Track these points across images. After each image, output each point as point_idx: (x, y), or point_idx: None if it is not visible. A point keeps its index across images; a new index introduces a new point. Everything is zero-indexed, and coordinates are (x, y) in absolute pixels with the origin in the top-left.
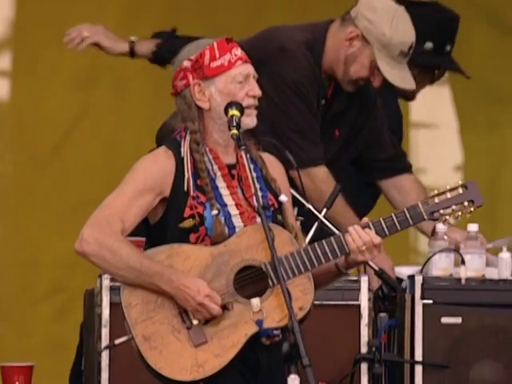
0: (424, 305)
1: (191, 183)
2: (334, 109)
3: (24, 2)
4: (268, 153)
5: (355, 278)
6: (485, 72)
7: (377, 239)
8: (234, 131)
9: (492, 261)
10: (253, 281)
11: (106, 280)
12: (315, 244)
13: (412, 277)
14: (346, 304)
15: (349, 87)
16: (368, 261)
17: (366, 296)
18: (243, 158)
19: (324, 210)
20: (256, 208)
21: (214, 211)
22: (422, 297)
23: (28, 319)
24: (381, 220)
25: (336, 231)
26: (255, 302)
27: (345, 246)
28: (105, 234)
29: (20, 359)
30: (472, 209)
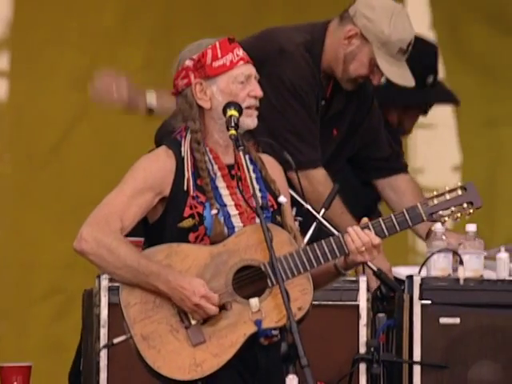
0: (422, 305)
1: (191, 183)
2: (333, 109)
3: (22, 3)
4: (265, 152)
5: (354, 279)
6: (483, 72)
7: (376, 240)
8: (232, 131)
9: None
10: (252, 281)
11: (105, 280)
12: (314, 244)
13: (410, 277)
14: (345, 304)
15: (348, 85)
16: (367, 261)
17: (365, 296)
18: (241, 159)
19: (322, 211)
20: (255, 208)
21: (214, 210)
22: (421, 297)
23: (27, 319)
24: (380, 221)
25: (334, 231)
26: (254, 302)
27: (344, 247)
28: (103, 233)
29: (18, 359)
30: (471, 210)
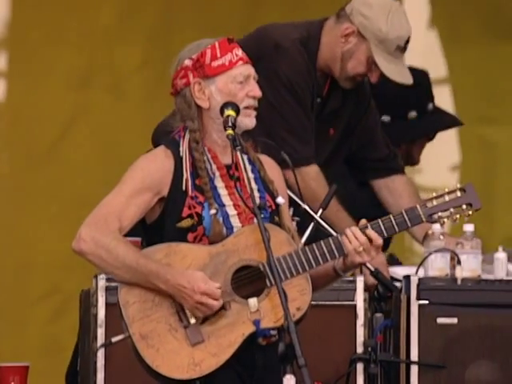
0: (420, 305)
1: (190, 183)
2: (329, 107)
3: (20, 3)
4: (262, 152)
5: (351, 279)
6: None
7: (379, 240)
8: (230, 131)
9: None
10: (250, 281)
11: (102, 280)
12: (313, 245)
13: (408, 277)
14: (342, 304)
15: (346, 84)
16: (366, 262)
17: (362, 296)
18: (239, 158)
19: (320, 211)
20: (252, 208)
21: (213, 210)
22: (418, 297)
23: (24, 320)
24: (379, 221)
25: (332, 232)
26: (252, 302)
27: (342, 247)
28: (102, 233)
29: (16, 359)
30: (470, 212)
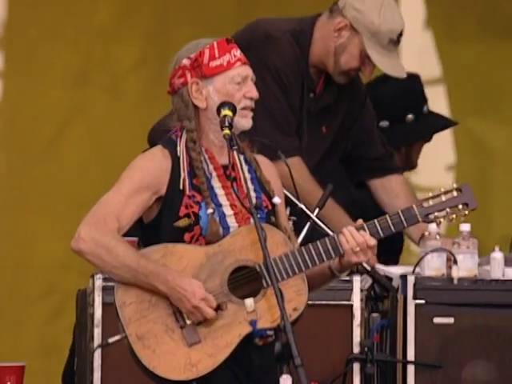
0: (416, 305)
1: (187, 182)
2: (322, 103)
3: (16, 2)
4: (259, 152)
5: (347, 278)
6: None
7: (371, 241)
8: (226, 131)
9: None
10: (247, 281)
11: (99, 280)
12: (309, 245)
13: (404, 277)
14: (339, 304)
15: (340, 79)
16: (362, 262)
17: (359, 296)
18: (235, 158)
19: (316, 210)
20: (248, 208)
21: (210, 210)
22: (415, 297)
23: (21, 319)
24: (375, 222)
25: (328, 231)
26: (249, 303)
27: (339, 248)
28: (101, 233)
29: (13, 359)
30: (466, 212)
